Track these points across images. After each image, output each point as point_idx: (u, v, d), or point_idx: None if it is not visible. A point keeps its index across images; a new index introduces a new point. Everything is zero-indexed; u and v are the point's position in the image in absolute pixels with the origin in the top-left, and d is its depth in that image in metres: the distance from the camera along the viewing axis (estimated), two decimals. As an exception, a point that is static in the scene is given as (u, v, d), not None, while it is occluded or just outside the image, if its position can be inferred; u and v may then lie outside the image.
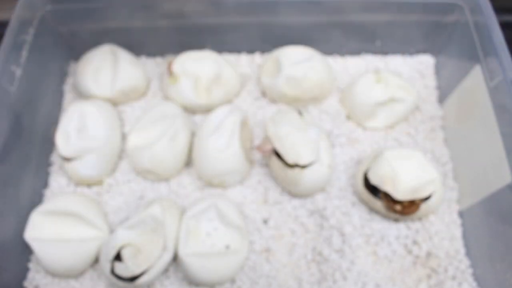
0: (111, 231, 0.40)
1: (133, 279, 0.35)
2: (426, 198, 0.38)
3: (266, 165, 0.43)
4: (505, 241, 0.35)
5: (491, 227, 0.37)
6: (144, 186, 0.43)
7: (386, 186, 0.37)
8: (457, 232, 0.40)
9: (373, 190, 0.39)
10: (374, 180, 0.38)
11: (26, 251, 0.39)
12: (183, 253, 0.36)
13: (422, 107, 0.47)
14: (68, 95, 0.48)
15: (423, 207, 0.38)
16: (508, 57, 0.37)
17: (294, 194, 0.42)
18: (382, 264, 0.39)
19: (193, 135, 0.44)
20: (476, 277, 0.38)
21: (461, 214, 0.41)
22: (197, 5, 0.46)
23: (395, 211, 0.38)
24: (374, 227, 0.40)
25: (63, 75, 0.49)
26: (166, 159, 0.40)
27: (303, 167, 0.38)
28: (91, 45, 0.48)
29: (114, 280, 0.35)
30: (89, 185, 0.43)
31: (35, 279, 0.39)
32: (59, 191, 0.43)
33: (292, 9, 0.46)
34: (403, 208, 0.38)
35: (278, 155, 0.39)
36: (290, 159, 0.37)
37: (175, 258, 0.38)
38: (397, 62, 0.50)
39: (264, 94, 0.48)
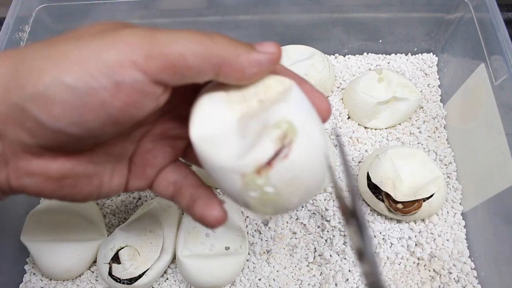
0: (109, 232, 0.39)
1: (131, 281, 0.35)
2: (429, 197, 0.37)
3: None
4: (510, 243, 0.34)
5: (496, 229, 0.36)
6: (143, 186, 0.42)
7: (387, 187, 0.37)
8: (461, 233, 0.39)
9: (375, 189, 0.38)
10: (375, 179, 0.38)
11: (22, 253, 0.39)
12: (181, 255, 0.35)
13: (425, 106, 0.47)
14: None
15: (426, 207, 0.37)
16: (514, 55, 0.36)
17: (295, 195, 0.41)
18: (384, 266, 0.38)
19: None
20: (481, 280, 0.37)
21: (465, 215, 0.40)
22: (196, 3, 0.45)
23: (396, 210, 0.37)
24: (377, 228, 0.39)
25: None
26: (164, 159, 0.40)
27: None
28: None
29: (112, 282, 0.35)
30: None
31: (32, 282, 0.38)
32: (56, 191, 0.42)
33: (293, 7, 0.46)
34: (404, 207, 0.37)
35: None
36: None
37: (174, 260, 0.37)
38: (400, 61, 0.50)
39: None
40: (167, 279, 0.38)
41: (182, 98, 0.22)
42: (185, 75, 0.18)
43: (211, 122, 0.20)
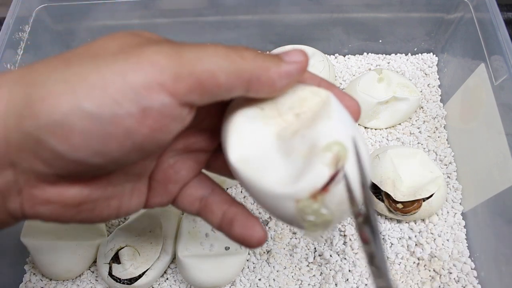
0: (109, 232, 0.39)
1: (131, 281, 0.35)
2: (429, 197, 0.37)
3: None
4: (510, 243, 0.34)
5: (496, 229, 0.36)
6: (143, 186, 0.42)
7: (387, 187, 0.37)
8: (461, 233, 0.39)
9: (375, 189, 0.38)
10: (375, 179, 0.38)
11: (22, 253, 0.39)
12: (181, 255, 0.35)
13: (425, 106, 0.47)
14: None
15: (426, 207, 0.37)
16: (514, 55, 0.36)
17: (295, 195, 0.41)
18: (384, 266, 0.38)
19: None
20: (481, 280, 0.37)
21: (465, 215, 0.40)
22: (196, 3, 0.45)
23: (396, 210, 0.37)
24: (376, 228, 0.39)
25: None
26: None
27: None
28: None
29: (112, 282, 0.35)
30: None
31: (32, 282, 0.38)
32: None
33: (293, 7, 0.46)
34: (404, 207, 0.37)
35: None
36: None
37: (174, 260, 0.37)
38: (400, 61, 0.50)
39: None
40: (167, 279, 0.38)
41: (206, 112, 0.20)
42: (214, 94, 0.17)
43: (250, 142, 0.19)
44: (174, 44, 0.17)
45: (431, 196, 0.37)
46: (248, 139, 0.19)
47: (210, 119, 0.21)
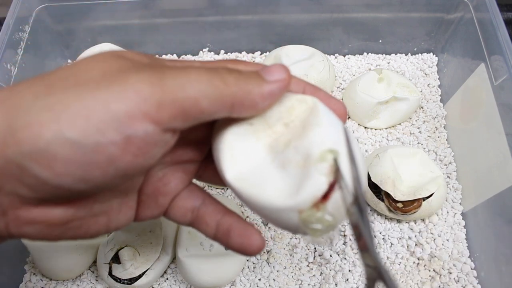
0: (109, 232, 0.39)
1: (131, 281, 0.35)
2: (429, 196, 0.37)
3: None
4: (510, 243, 0.34)
5: (496, 229, 0.36)
6: (143, 186, 0.42)
7: (387, 186, 0.37)
8: (461, 233, 0.39)
9: (375, 188, 0.38)
10: (375, 179, 0.38)
11: (22, 253, 0.39)
12: (182, 255, 0.35)
13: (425, 106, 0.47)
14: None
15: (426, 206, 0.37)
16: (514, 55, 0.36)
17: (295, 195, 0.41)
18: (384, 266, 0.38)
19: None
20: (481, 279, 0.37)
21: (465, 215, 0.40)
22: (196, 3, 0.46)
23: (396, 209, 0.37)
24: (377, 228, 0.39)
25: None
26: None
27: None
28: (88, 43, 0.48)
29: (112, 282, 0.35)
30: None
31: (32, 282, 0.38)
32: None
33: (293, 7, 0.46)
34: (404, 206, 0.37)
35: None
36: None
37: (174, 260, 0.37)
38: (400, 61, 0.50)
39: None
40: (167, 279, 0.38)
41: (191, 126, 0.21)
42: (197, 119, 0.17)
43: (244, 159, 0.19)
44: (157, 68, 0.17)
45: (431, 195, 0.37)
46: (242, 156, 0.19)
47: (196, 132, 0.21)
